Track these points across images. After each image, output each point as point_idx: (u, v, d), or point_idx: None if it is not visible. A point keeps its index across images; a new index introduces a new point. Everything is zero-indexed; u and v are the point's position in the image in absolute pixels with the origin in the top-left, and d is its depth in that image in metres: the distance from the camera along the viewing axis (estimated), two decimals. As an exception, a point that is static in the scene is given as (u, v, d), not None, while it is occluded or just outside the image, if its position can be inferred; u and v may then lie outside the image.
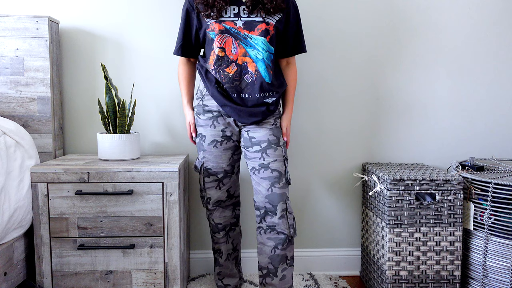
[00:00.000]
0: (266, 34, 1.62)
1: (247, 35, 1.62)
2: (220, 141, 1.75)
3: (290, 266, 1.74)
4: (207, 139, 1.75)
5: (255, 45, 1.62)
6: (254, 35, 1.62)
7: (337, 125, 2.15)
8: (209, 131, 1.75)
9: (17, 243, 1.67)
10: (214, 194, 1.81)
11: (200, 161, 1.79)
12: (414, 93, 2.15)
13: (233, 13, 1.63)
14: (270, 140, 1.69)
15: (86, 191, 1.69)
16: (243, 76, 1.64)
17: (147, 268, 1.74)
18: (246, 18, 1.62)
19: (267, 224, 1.71)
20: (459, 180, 1.79)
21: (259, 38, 1.62)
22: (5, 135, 1.64)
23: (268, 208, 1.69)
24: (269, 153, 1.68)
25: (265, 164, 1.68)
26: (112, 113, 1.85)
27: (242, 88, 1.65)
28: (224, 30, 1.62)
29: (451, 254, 1.81)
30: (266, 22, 1.62)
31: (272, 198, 1.67)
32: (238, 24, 1.62)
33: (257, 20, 1.62)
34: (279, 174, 1.68)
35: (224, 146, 1.75)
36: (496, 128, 2.19)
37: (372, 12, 2.11)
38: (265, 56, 1.63)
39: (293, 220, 1.72)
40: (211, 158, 1.76)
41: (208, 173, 1.78)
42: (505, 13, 2.13)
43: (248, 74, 1.63)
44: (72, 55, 2.06)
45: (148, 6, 2.06)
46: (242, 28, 1.62)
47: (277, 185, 1.67)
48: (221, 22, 1.62)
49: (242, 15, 1.62)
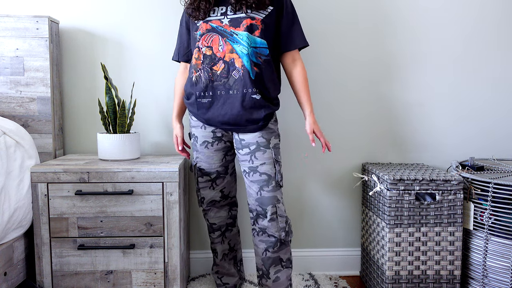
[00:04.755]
0: (251, 29, 1.62)
1: (233, 31, 1.63)
2: (211, 142, 1.75)
3: (286, 268, 1.74)
4: (199, 139, 1.77)
5: (241, 40, 1.62)
6: (239, 31, 1.62)
7: (337, 125, 2.15)
8: (200, 132, 1.76)
9: (17, 243, 1.67)
10: (208, 194, 1.82)
11: (194, 161, 1.81)
12: (414, 93, 2.15)
13: (220, 12, 1.66)
14: (259, 142, 1.68)
15: (86, 191, 1.69)
16: (230, 72, 1.64)
17: (147, 268, 1.74)
18: (232, 16, 1.64)
19: (259, 227, 1.72)
20: (459, 180, 1.79)
21: (243, 33, 1.62)
22: (5, 135, 1.64)
23: (259, 211, 1.70)
24: (258, 156, 1.68)
25: (254, 167, 1.68)
26: (112, 113, 1.85)
27: (230, 85, 1.64)
28: (211, 29, 1.65)
29: (451, 254, 1.81)
30: (250, 17, 1.62)
31: (261, 201, 1.68)
32: (224, 22, 1.64)
33: (242, 16, 1.63)
34: (267, 177, 1.67)
35: (216, 147, 1.76)
36: (496, 128, 2.19)
37: (372, 12, 2.11)
38: (249, 51, 1.62)
39: (286, 223, 1.70)
40: (203, 159, 1.78)
41: (201, 173, 1.80)
42: (505, 13, 2.13)
43: (236, 70, 1.63)
44: (72, 55, 2.06)
45: (148, 6, 2.06)
46: (228, 26, 1.63)
47: (266, 188, 1.67)
48: (207, 22, 1.65)
49: (229, 13, 1.64)
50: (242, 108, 1.64)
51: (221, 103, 1.66)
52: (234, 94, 1.64)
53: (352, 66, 2.13)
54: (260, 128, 1.68)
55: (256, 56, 1.64)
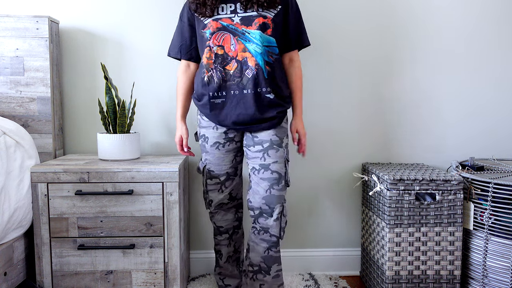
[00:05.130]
0: (264, 28, 1.61)
1: (245, 30, 1.61)
2: (222, 143, 1.73)
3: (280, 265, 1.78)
4: (210, 140, 1.74)
5: (253, 39, 1.61)
6: (252, 30, 1.61)
7: (337, 125, 2.15)
8: (211, 133, 1.73)
9: (17, 243, 1.67)
10: (216, 197, 1.80)
11: (203, 163, 1.78)
12: (414, 93, 2.15)
13: (229, 10, 1.62)
14: (272, 140, 1.68)
15: (86, 191, 1.69)
16: (244, 71, 1.62)
17: (147, 268, 1.74)
18: (242, 14, 1.61)
19: (260, 225, 1.72)
20: (459, 180, 1.78)
21: (256, 32, 1.61)
22: (5, 135, 1.64)
23: (264, 210, 1.69)
24: (271, 153, 1.67)
25: (265, 165, 1.67)
26: (112, 113, 1.85)
27: (244, 85, 1.63)
28: (221, 27, 1.62)
29: (451, 254, 1.81)
30: (263, 16, 1.61)
31: (269, 199, 1.67)
32: (235, 20, 1.62)
33: (253, 15, 1.61)
34: (278, 176, 1.67)
35: (227, 148, 1.74)
36: (496, 128, 2.19)
37: (373, 11, 2.10)
38: (263, 50, 1.62)
39: (285, 223, 1.72)
40: (213, 160, 1.75)
41: (211, 176, 1.77)
42: (504, 11, 2.13)
43: (249, 69, 1.62)
44: (72, 55, 2.06)
45: (148, 6, 2.06)
46: (240, 24, 1.61)
47: (276, 187, 1.67)
48: (217, 20, 1.62)
49: (239, 11, 1.62)
50: (257, 107, 1.63)
51: (235, 103, 1.64)
52: (248, 94, 1.63)
53: (352, 66, 2.13)
54: (274, 125, 1.68)
55: (268, 55, 1.63)
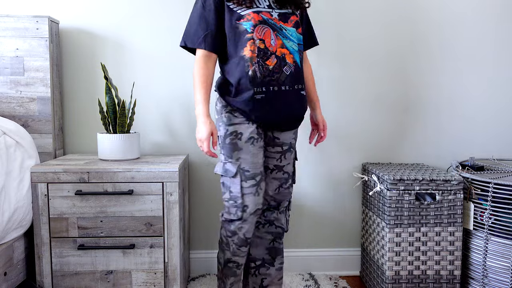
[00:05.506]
0: (297, 26, 1.61)
1: (283, 26, 1.59)
2: (256, 138, 1.59)
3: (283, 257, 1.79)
4: (244, 135, 1.58)
5: (290, 36, 1.60)
6: (288, 27, 1.59)
7: (337, 125, 2.15)
8: (246, 128, 1.58)
9: (17, 243, 1.67)
10: (253, 202, 1.57)
11: (236, 163, 1.57)
12: (414, 93, 2.15)
13: (266, 4, 1.59)
14: (291, 144, 1.69)
15: (86, 191, 1.69)
16: (282, 68, 1.58)
17: (147, 268, 1.74)
18: (279, 10, 1.59)
19: (265, 219, 1.74)
20: (459, 180, 1.78)
21: (292, 29, 1.60)
22: (5, 135, 1.64)
23: (272, 205, 1.72)
24: (287, 156, 1.69)
25: (280, 166, 1.68)
26: (112, 113, 1.85)
27: (282, 81, 1.58)
28: (262, 20, 1.56)
29: (451, 254, 1.81)
30: (295, 15, 1.61)
31: (278, 197, 1.71)
32: (274, 15, 1.58)
33: (289, 12, 1.60)
34: (288, 175, 1.70)
35: (260, 143, 1.61)
36: (496, 128, 2.19)
37: (372, 11, 2.11)
38: (299, 48, 1.62)
39: (289, 216, 1.76)
40: (249, 158, 1.57)
41: (245, 177, 1.57)
42: (505, 14, 2.13)
43: (287, 66, 1.59)
44: (72, 55, 2.06)
45: (148, 5, 2.06)
46: (278, 20, 1.58)
47: (284, 185, 1.70)
48: (259, 12, 1.56)
49: (274, 7, 1.59)
50: (295, 104, 1.62)
51: (274, 100, 1.58)
52: (286, 90, 1.59)
53: (352, 66, 2.12)
54: (297, 126, 1.69)
55: (300, 53, 1.63)
